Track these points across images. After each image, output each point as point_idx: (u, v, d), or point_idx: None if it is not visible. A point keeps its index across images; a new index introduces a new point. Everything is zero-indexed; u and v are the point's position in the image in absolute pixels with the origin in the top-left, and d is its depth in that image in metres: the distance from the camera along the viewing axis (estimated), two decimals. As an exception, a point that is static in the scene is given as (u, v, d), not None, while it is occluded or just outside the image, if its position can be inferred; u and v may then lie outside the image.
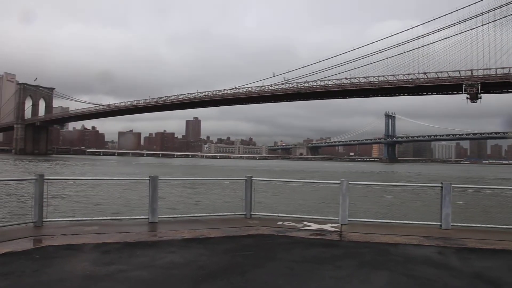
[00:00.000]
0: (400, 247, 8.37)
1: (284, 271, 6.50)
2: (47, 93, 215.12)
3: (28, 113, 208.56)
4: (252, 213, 11.32)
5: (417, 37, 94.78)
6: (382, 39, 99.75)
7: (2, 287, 5.56)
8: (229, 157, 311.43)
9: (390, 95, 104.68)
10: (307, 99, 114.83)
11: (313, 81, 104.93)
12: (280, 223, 10.74)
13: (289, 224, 10.62)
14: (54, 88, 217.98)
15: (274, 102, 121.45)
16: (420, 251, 8.10)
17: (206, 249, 7.92)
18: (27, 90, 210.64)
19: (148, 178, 10.42)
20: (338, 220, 10.79)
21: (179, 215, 11.88)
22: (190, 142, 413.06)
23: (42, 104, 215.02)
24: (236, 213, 11.48)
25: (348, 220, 10.75)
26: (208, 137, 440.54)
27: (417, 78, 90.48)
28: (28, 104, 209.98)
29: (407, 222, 11.10)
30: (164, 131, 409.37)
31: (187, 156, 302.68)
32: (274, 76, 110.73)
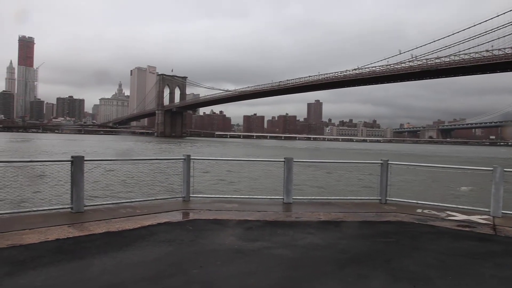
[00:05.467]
0: None
1: (433, 263, 6.03)
2: (181, 82, 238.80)
3: (166, 101, 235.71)
4: (387, 198, 10.82)
5: None
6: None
7: (168, 252, 6.35)
8: (351, 140, 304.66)
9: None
10: (437, 77, 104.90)
11: (445, 56, 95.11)
12: (419, 210, 10.08)
13: (429, 213, 9.89)
14: (187, 77, 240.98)
15: (400, 81, 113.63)
16: None
17: (344, 233, 7.84)
18: (165, 80, 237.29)
19: (283, 159, 10.68)
20: (489, 211, 9.67)
21: (312, 197, 11.97)
22: (312, 125, 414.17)
23: (177, 92, 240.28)
24: (370, 198, 11.12)
25: (502, 212, 9.52)
26: (330, 120, 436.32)
27: None
28: (166, 92, 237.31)
29: None
30: (286, 114, 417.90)
31: (309, 138, 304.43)
32: (400, 54, 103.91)
